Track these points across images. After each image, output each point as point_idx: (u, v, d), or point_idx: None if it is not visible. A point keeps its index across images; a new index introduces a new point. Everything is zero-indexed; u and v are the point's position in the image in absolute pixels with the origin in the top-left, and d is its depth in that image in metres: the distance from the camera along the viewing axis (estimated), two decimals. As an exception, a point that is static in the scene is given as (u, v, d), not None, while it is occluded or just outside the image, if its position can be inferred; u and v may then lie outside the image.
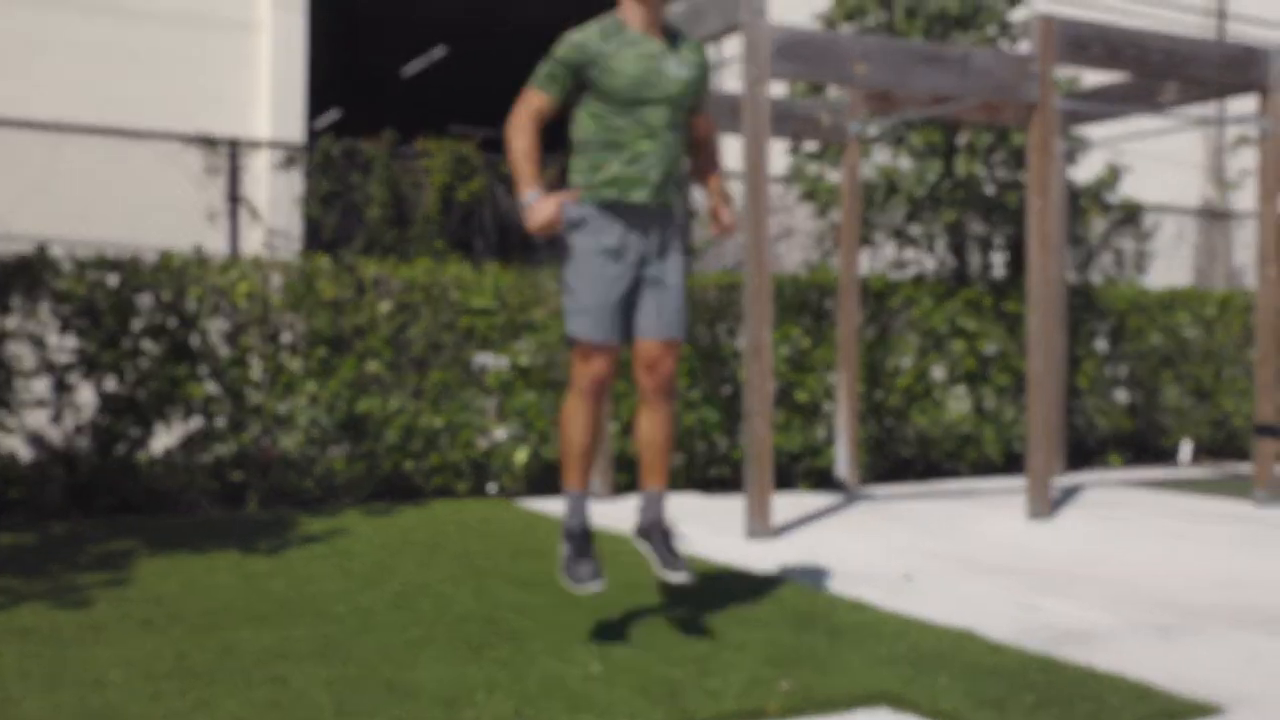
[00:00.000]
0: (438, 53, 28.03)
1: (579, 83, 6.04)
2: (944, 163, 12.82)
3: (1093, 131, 14.38)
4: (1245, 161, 20.34)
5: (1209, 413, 14.70)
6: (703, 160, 6.54)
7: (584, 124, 6.09)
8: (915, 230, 13.70)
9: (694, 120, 6.42)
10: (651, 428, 6.24)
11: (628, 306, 6.10)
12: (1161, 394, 14.53)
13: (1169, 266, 18.40)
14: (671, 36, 6.14)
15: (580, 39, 6.01)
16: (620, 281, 6.02)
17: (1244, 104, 13.72)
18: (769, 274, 9.36)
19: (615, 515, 9.56)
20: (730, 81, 14.43)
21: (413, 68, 29.47)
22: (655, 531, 6.18)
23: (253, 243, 13.71)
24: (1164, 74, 11.10)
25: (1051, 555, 8.60)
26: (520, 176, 5.99)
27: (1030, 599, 7.15)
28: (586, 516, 6.13)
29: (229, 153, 13.04)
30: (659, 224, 6.14)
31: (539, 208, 5.90)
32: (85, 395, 10.14)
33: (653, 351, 6.14)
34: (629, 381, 10.89)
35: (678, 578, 6.04)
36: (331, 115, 29.22)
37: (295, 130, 15.45)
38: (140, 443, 10.12)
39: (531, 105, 6.06)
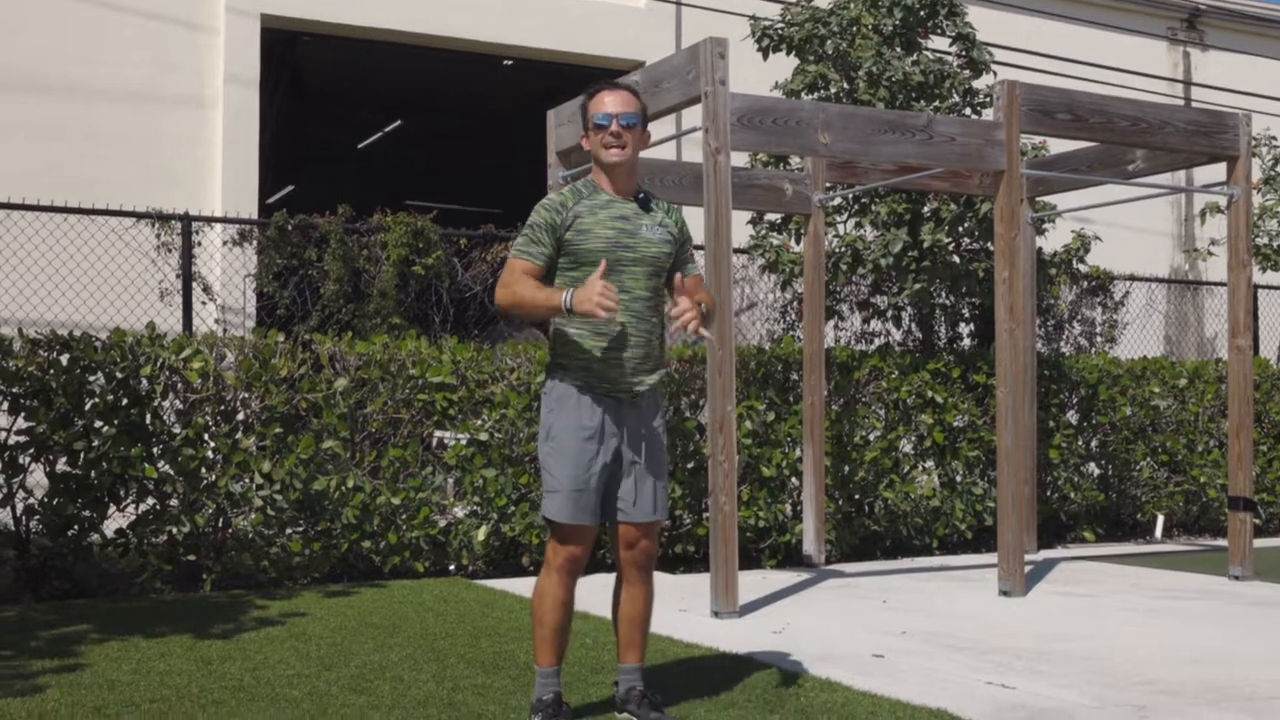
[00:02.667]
0: (393, 128, 27.99)
1: (558, 247, 5.86)
2: (909, 232, 12.71)
3: (1060, 200, 14.32)
4: (1214, 230, 20.34)
5: (1182, 485, 14.56)
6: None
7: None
8: (881, 301, 13.60)
9: (680, 280, 5.95)
10: (631, 604, 6.13)
11: (607, 485, 5.93)
12: (1134, 466, 14.40)
13: (1140, 336, 18.36)
14: (644, 200, 6.02)
15: (555, 200, 5.90)
16: (598, 461, 5.85)
17: (1212, 173, 13.65)
18: (731, 347, 9.23)
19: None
20: (691, 152, 14.33)
21: (368, 142, 29.44)
22: (634, 698, 6.07)
23: (206, 320, 13.56)
24: (1131, 141, 11.05)
25: (1024, 633, 8.46)
26: (545, 300, 5.72)
27: (1004, 678, 7.02)
28: (559, 690, 5.96)
29: (182, 228, 12.90)
30: (638, 404, 6.00)
31: (582, 295, 5.55)
32: (36, 476, 9.95)
33: (633, 531, 6.01)
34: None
35: None
36: (285, 191, 29.13)
37: (249, 206, 15.35)
38: (92, 525, 9.94)
39: (517, 270, 5.86)
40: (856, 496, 12.50)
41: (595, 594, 7.50)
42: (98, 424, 9.89)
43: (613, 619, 6.23)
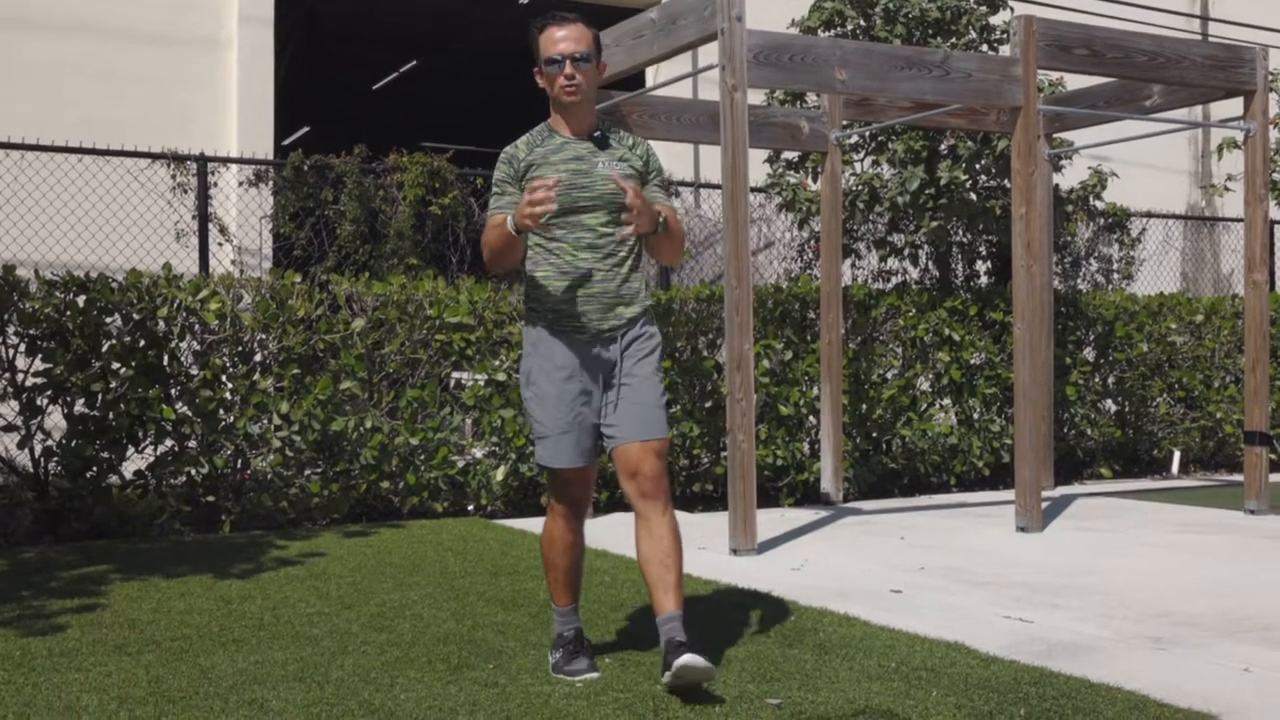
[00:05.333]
0: (408, 68, 27.94)
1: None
2: (926, 170, 12.68)
3: (1077, 137, 14.28)
4: (1231, 166, 20.27)
5: (1199, 421, 14.57)
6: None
7: (528, 242, 5.74)
8: (898, 239, 13.58)
9: (650, 237, 5.84)
10: (651, 544, 5.64)
11: (597, 419, 5.72)
12: (1150, 403, 14.40)
13: (1157, 272, 18.33)
14: (601, 138, 5.81)
15: (509, 153, 5.80)
16: (581, 399, 5.67)
17: (1229, 108, 13.60)
18: (749, 285, 9.22)
19: (591, 532, 9.39)
20: (707, 90, 14.28)
21: (383, 83, 29.39)
22: (672, 648, 5.37)
23: (222, 261, 13.56)
24: (1148, 76, 11.02)
25: (1042, 567, 8.48)
26: (500, 234, 5.60)
27: (1021, 612, 7.04)
28: (579, 626, 5.87)
29: (198, 169, 12.88)
30: (616, 338, 5.75)
31: (518, 212, 5.42)
32: (54, 418, 9.97)
33: (631, 455, 5.65)
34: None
35: (694, 673, 5.24)
36: (301, 133, 29.11)
37: (265, 147, 15.32)
38: (111, 466, 9.97)
39: (490, 225, 5.72)
40: (874, 434, 12.52)
41: (613, 531, 7.53)
42: (115, 365, 9.92)
43: (641, 571, 5.73)
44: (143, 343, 10.02)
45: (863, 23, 12.70)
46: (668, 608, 5.54)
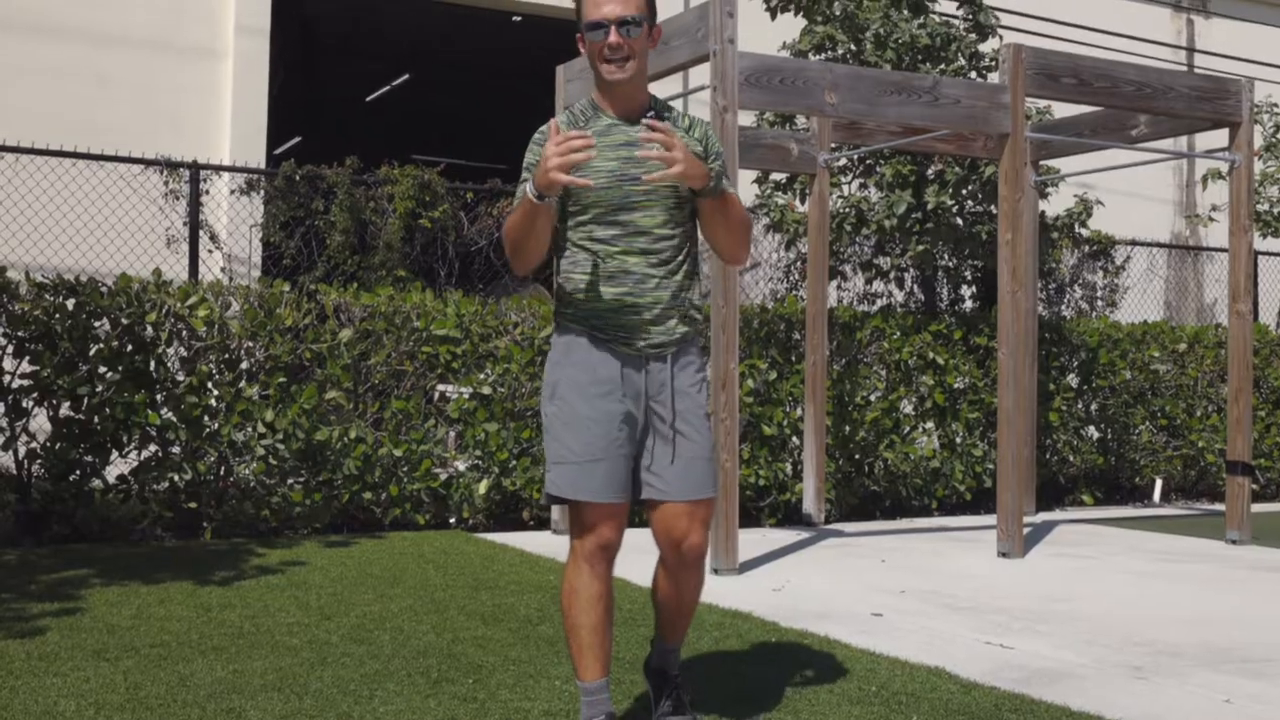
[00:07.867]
0: (400, 81, 27.95)
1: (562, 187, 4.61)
2: (914, 194, 12.72)
3: (1063, 164, 14.33)
4: (1215, 196, 20.35)
5: (1181, 449, 14.61)
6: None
7: (562, 238, 4.85)
8: (884, 262, 13.61)
9: (704, 202, 4.84)
10: (675, 592, 5.02)
11: (635, 450, 4.82)
12: (1133, 430, 14.44)
13: (1141, 301, 18.38)
14: (655, 120, 4.71)
15: (547, 136, 4.70)
16: (617, 420, 4.73)
17: (1214, 139, 13.66)
18: (736, 304, 9.24)
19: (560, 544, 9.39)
20: (698, 110, 14.30)
21: (375, 95, 29.39)
22: (657, 676, 5.16)
23: (212, 268, 13.56)
24: (1135, 106, 11.05)
25: (1023, 594, 8.49)
26: (520, 210, 4.65)
27: (1002, 638, 7.04)
28: (611, 709, 4.81)
29: (190, 176, 12.88)
30: (664, 358, 4.85)
31: (540, 171, 4.48)
32: (40, 421, 9.98)
33: (676, 519, 4.82)
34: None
35: None
36: (293, 142, 29.11)
37: (257, 156, 15.33)
38: (94, 470, 9.97)
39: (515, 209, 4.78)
40: (857, 457, 12.53)
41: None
42: (102, 369, 9.94)
43: (652, 599, 5.17)
44: (130, 347, 10.03)
45: (853, 47, 12.73)
46: (672, 640, 5.13)
